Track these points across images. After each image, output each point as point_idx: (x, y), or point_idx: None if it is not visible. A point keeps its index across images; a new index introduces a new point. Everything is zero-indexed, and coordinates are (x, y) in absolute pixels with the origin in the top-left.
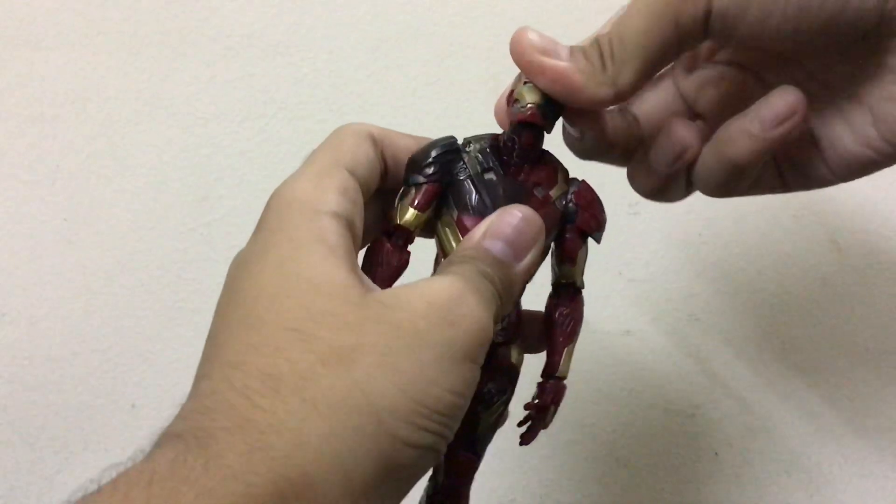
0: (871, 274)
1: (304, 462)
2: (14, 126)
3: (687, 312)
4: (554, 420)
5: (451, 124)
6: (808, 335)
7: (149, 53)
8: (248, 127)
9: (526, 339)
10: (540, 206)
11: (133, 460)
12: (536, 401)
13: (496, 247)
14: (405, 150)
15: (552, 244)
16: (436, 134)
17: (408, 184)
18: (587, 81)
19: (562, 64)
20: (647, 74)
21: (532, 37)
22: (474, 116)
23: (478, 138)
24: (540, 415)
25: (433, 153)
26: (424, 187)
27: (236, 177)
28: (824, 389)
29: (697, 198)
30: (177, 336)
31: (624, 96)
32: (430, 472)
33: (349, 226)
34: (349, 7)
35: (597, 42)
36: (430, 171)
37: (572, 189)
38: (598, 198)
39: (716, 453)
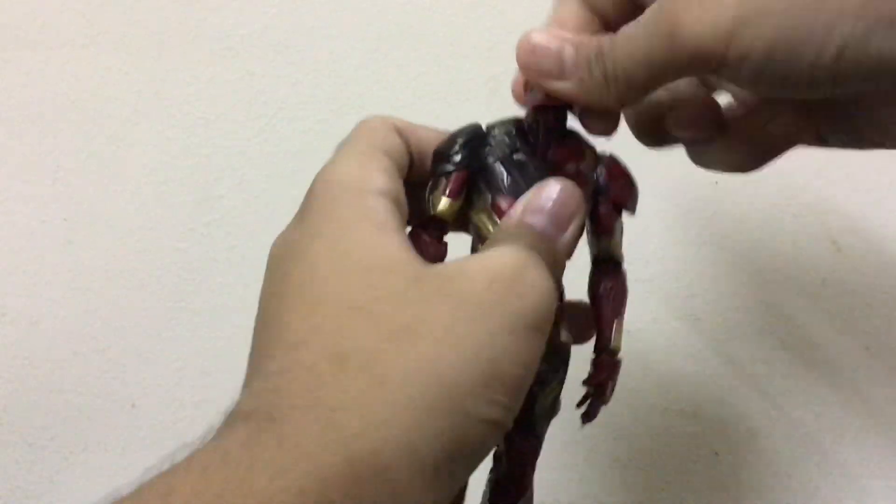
0: (871, 274)
1: (376, 441)
2: (14, 126)
3: (687, 312)
4: (553, 420)
5: (452, 125)
6: (807, 335)
7: (149, 53)
8: (248, 127)
9: (570, 327)
10: (577, 180)
11: (203, 440)
12: (593, 378)
13: (539, 221)
14: (428, 142)
15: (587, 220)
16: None
17: (437, 174)
18: (592, 98)
19: (566, 87)
20: (654, 88)
21: (533, 60)
22: (475, 116)
23: (501, 123)
24: (599, 391)
25: (459, 141)
26: (454, 175)
27: (236, 177)
28: (825, 389)
29: (698, 197)
30: (177, 336)
31: (632, 104)
32: (491, 457)
33: (396, 203)
34: (349, 7)
35: (601, 59)
36: (457, 158)
37: (601, 163)
38: (628, 170)
39: (716, 453)
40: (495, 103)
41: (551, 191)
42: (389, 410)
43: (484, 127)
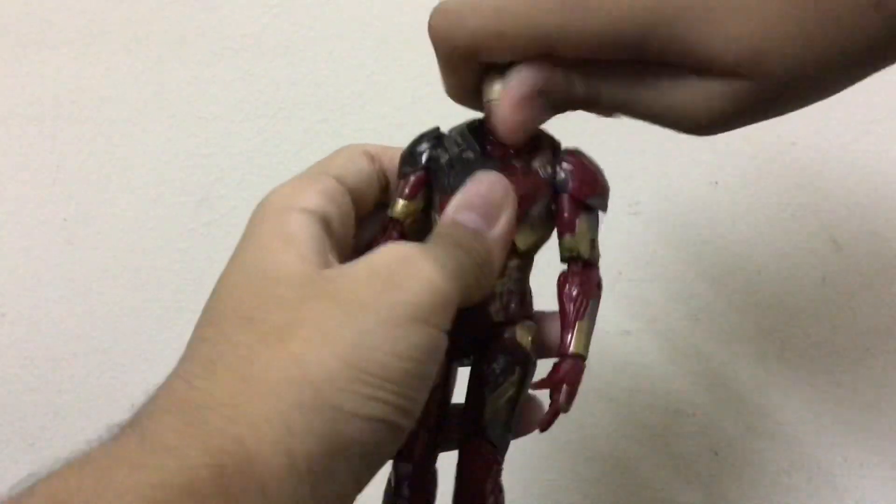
0: (871, 274)
1: (241, 435)
2: (14, 126)
3: (687, 312)
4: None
5: (452, 125)
6: (807, 335)
7: (149, 53)
8: (248, 127)
9: (544, 344)
10: (519, 175)
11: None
12: (543, 381)
13: (467, 218)
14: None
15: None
16: None
17: (398, 178)
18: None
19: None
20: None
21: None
22: (475, 116)
23: (460, 124)
24: (554, 396)
25: (416, 144)
26: (411, 177)
27: (236, 177)
28: (824, 389)
29: (698, 197)
30: (177, 336)
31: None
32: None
33: (323, 221)
34: (349, 7)
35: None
36: (414, 160)
37: (561, 158)
38: (591, 164)
39: (716, 453)
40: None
41: (478, 186)
42: (256, 407)
43: (446, 130)
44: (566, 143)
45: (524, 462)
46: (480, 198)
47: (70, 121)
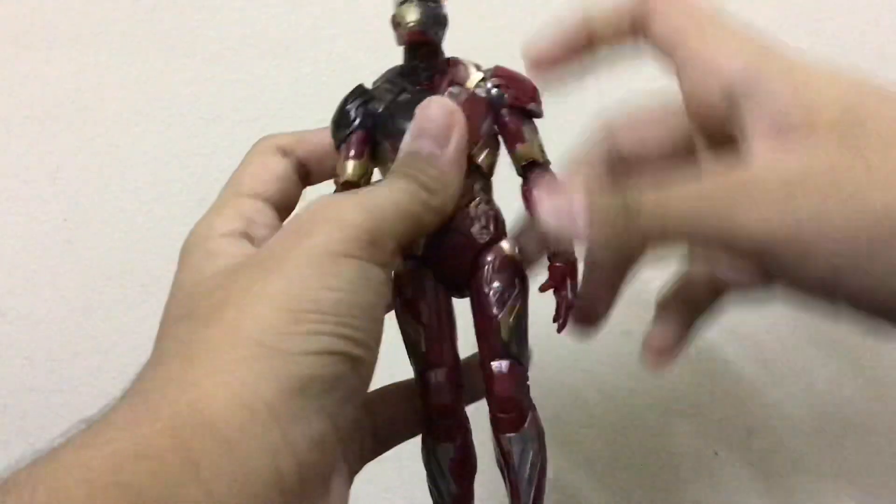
0: None
1: (192, 400)
2: (14, 126)
3: None
4: (554, 420)
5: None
6: (807, 334)
7: (149, 53)
8: (248, 127)
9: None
10: (458, 100)
11: None
12: (545, 284)
13: (421, 145)
14: (323, 143)
15: (502, 139)
16: None
17: (337, 145)
18: (609, 247)
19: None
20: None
21: (552, 225)
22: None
23: (381, 75)
24: (562, 292)
25: (344, 105)
26: (352, 137)
27: None
28: (824, 388)
29: None
30: None
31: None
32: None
33: (244, 237)
34: (349, 7)
35: (622, 202)
36: (349, 120)
37: (489, 74)
38: (517, 73)
39: (716, 453)
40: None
41: (426, 111)
42: (204, 376)
43: (369, 85)
44: (567, 143)
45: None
46: (430, 121)
47: (70, 121)
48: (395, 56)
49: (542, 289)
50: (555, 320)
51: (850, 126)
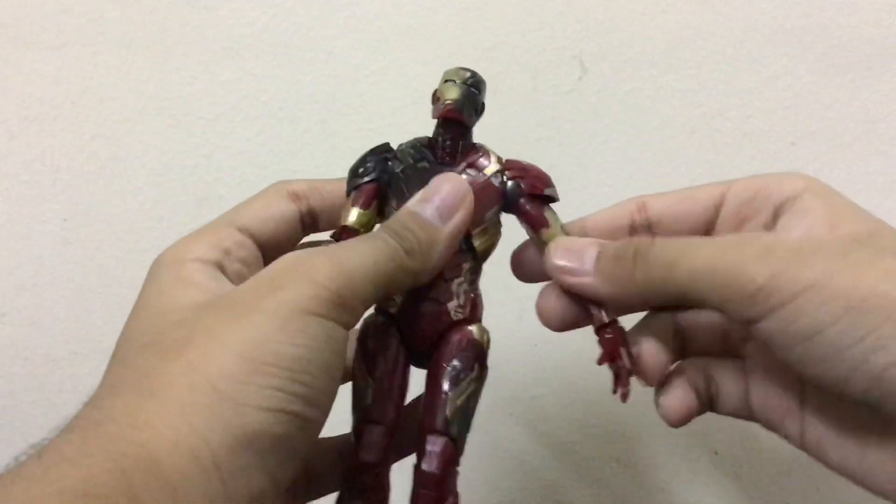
0: None
1: (143, 439)
2: (14, 126)
3: None
4: (555, 420)
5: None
6: None
7: (149, 53)
8: (248, 127)
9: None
10: (475, 181)
11: None
12: (602, 357)
13: (425, 210)
14: (337, 194)
15: (525, 226)
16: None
17: (349, 191)
18: (612, 291)
19: (585, 280)
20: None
21: (558, 261)
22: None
23: (409, 141)
24: (618, 363)
25: (366, 158)
26: (364, 187)
27: (236, 177)
28: None
29: None
30: None
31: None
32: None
33: (219, 268)
34: (349, 7)
35: (634, 248)
36: (365, 171)
37: (505, 167)
38: (528, 163)
39: (716, 453)
40: (496, 103)
41: (440, 183)
42: (157, 414)
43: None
44: (569, 142)
45: (524, 463)
46: (440, 194)
47: (70, 121)
48: (394, 57)
49: (600, 362)
50: (615, 390)
51: (866, 235)
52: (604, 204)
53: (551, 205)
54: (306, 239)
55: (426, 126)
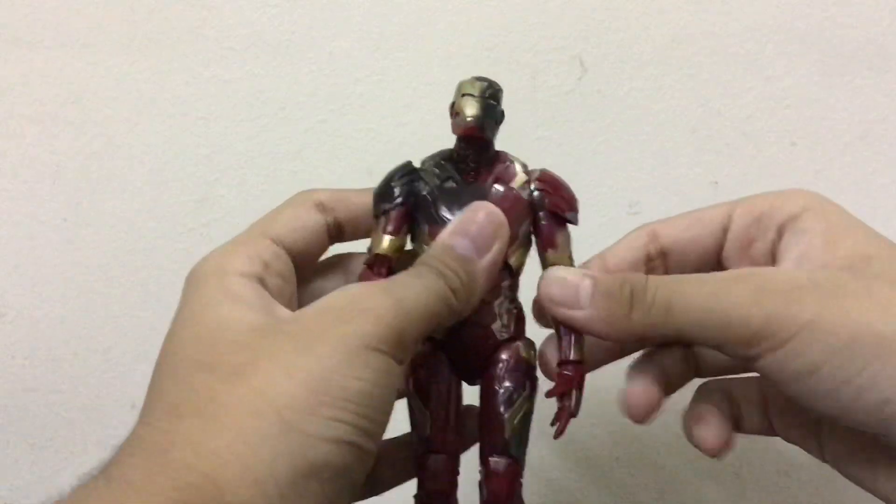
0: None
1: (208, 469)
2: (14, 126)
3: None
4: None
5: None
6: None
7: (148, 53)
8: (248, 127)
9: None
10: (504, 200)
11: None
12: (552, 390)
13: (460, 244)
14: (362, 206)
15: (533, 237)
16: (436, 135)
17: (376, 215)
18: (608, 332)
19: (578, 314)
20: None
21: (553, 291)
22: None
23: (432, 156)
24: (564, 402)
25: (393, 179)
26: (393, 213)
27: (236, 177)
28: None
29: (697, 197)
30: None
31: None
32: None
33: (259, 282)
34: (349, 7)
35: (630, 287)
36: (393, 195)
37: (534, 177)
38: (561, 180)
39: None
40: None
41: (475, 215)
42: (222, 442)
43: (417, 163)
44: (569, 142)
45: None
46: (476, 226)
47: (70, 121)
48: (394, 57)
49: (549, 395)
50: (552, 424)
51: (861, 260)
52: (604, 204)
53: (569, 230)
54: (332, 249)
55: (426, 126)
